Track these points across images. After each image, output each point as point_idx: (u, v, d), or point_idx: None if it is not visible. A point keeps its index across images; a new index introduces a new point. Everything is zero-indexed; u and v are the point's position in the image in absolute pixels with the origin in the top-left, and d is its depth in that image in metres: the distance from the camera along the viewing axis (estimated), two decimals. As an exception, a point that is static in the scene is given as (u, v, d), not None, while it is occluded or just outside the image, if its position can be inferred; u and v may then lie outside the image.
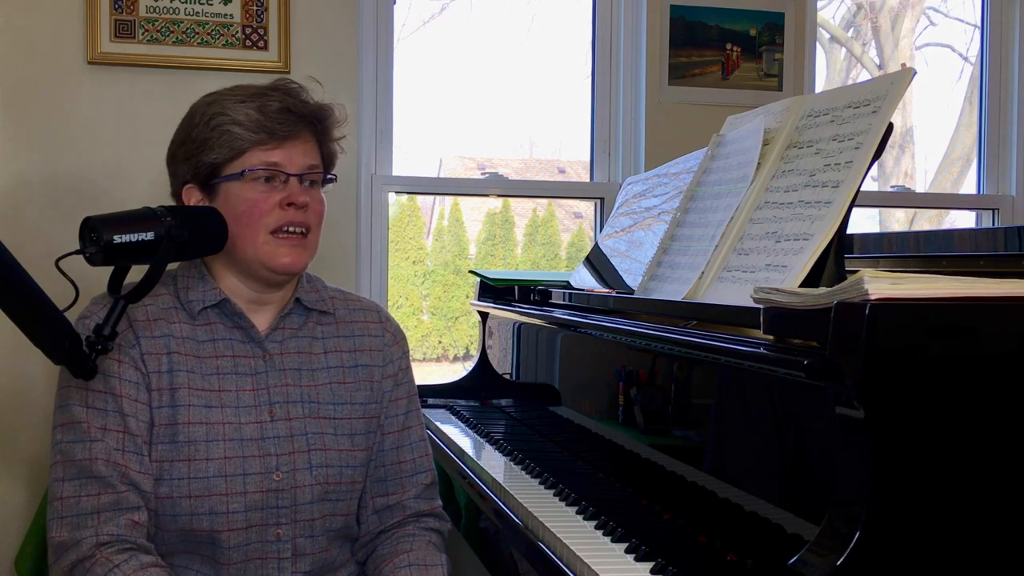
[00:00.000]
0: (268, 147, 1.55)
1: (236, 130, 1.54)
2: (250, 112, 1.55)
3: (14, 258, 1.33)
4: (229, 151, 1.55)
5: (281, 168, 1.56)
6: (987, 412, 1.08)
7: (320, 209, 1.61)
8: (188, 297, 1.57)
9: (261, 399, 1.57)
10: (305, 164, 1.58)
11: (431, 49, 3.23)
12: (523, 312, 2.26)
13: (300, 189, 1.57)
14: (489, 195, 3.24)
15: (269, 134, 1.55)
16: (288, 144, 1.57)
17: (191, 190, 1.59)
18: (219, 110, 1.56)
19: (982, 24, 3.42)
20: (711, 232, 1.70)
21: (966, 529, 1.07)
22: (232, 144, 1.55)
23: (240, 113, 1.55)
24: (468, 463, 1.97)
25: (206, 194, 1.58)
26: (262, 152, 1.55)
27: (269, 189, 1.55)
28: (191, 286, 1.58)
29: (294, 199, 1.55)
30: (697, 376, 1.50)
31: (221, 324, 1.58)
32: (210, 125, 1.56)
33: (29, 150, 2.53)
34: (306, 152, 1.59)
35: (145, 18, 2.57)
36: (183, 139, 1.59)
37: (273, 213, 1.54)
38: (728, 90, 3.01)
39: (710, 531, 1.38)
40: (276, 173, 1.55)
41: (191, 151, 1.57)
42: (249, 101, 1.56)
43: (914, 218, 3.84)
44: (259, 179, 1.55)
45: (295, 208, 1.55)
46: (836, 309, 1.09)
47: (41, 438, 2.49)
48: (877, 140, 1.46)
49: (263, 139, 1.55)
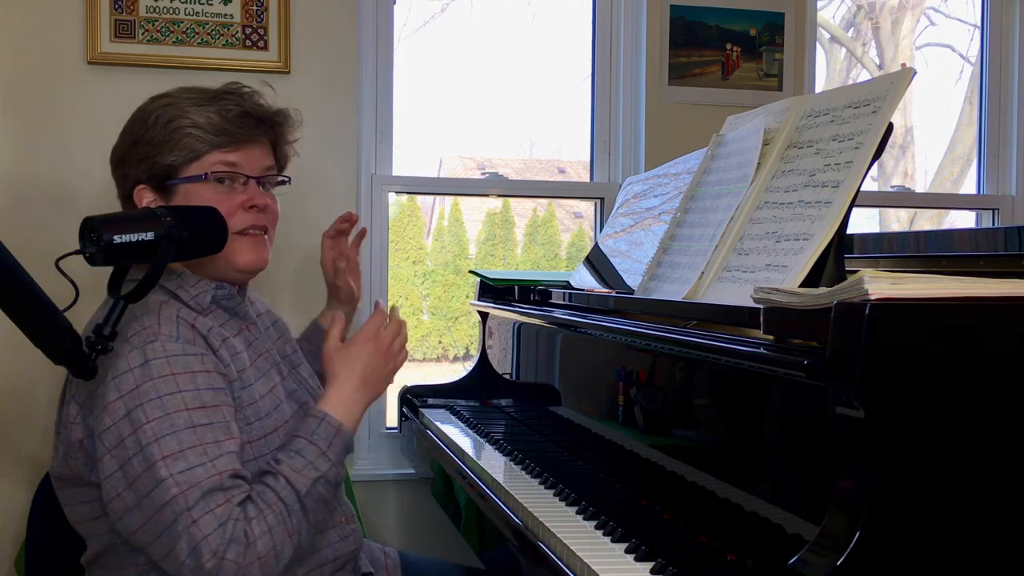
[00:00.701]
0: (227, 150, 1.60)
1: (196, 132, 1.58)
2: (210, 116, 1.59)
3: (14, 258, 1.33)
4: (188, 153, 1.58)
5: (240, 170, 1.61)
6: (987, 412, 1.08)
7: (277, 210, 1.68)
8: (191, 294, 1.59)
9: (270, 363, 1.67)
10: (262, 166, 1.64)
11: (431, 49, 3.24)
12: (523, 312, 2.26)
13: (259, 192, 1.63)
14: (489, 195, 3.23)
15: (229, 137, 1.59)
16: (246, 147, 1.62)
17: (143, 191, 1.61)
18: (177, 112, 1.59)
19: (982, 24, 3.42)
20: (711, 232, 1.70)
21: (966, 529, 1.07)
22: (192, 146, 1.58)
23: (200, 116, 1.59)
24: (468, 463, 1.97)
25: (160, 195, 1.60)
26: (221, 154, 1.59)
27: (229, 191, 1.60)
28: (186, 285, 1.60)
29: (255, 201, 1.62)
30: (697, 376, 1.50)
31: (219, 310, 1.64)
32: (168, 127, 1.58)
33: (29, 150, 2.53)
34: (263, 155, 1.65)
35: (145, 18, 2.57)
36: (134, 140, 1.61)
37: (236, 215, 1.60)
38: (728, 90, 3.01)
39: (710, 531, 1.38)
40: (236, 175, 1.60)
41: (146, 152, 1.59)
42: (207, 104, 1.60)
43: (914, 218, 3.84)
44: (218, 180, 1.59)
45: (256, 210, 1.61)
46: (836, 309, 1.09)
47: (41, 438, 2.49)
48: (877, 140, 1.46)
49: (223, 142, 1.59)
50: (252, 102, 1.64)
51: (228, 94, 1.63)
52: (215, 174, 1.58)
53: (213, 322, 1.58)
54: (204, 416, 1.45)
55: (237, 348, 1.58)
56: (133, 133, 1.62)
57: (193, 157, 1.58)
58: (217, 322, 1.60)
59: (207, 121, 1.58)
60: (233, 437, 1.47)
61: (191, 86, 1.67)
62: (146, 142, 1.59)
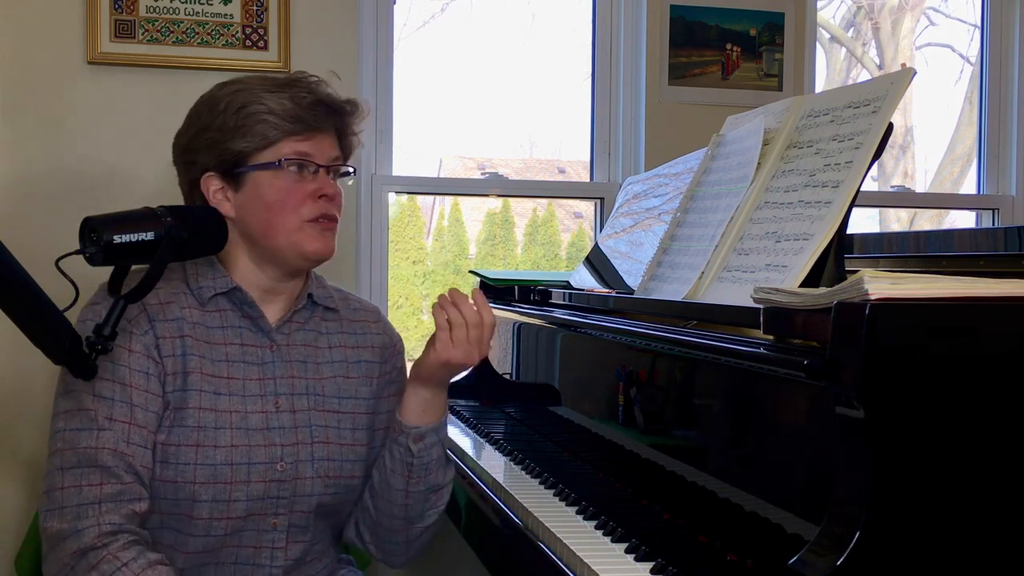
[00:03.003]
0: (300, 138, 1.56)
1: (271, 119, 1.55)
2: (284, 102, 1.55)
3: (14, 258, 1.33)
4: (261, 140, 1.55)
5: (312, 159, 1.57)
6: (987, 412, 1.08)
7: (342, 201, 1.63)
8: (199, 284, 1.57)
9: (267, 389, 1.57)
10: (331, 156, 1.60)
11: (431, 49, 3.24)
12: (523, 312, 2.26)
13: (329, 181, 1.59)
14: (489, 195, 3.24)
15: (303, 125, 1.56)
16: (317, 136, 1.58)
17: (211, 178, 1.57)
18: (251, 98, 1.55)
19: (982, 24, 3.42)
20: (711, 232, 1.70)
21: (966, 529, 1.07)
22: (265, 133, 1.55)
23: (274, 102, 1.55)
24: (468, 463, 1.97)
25: (228, 182, 1.57)
26: (294, 142, 1.56)
27: (300, 179, 1.56)
28: (201, 273, 1.58)
29: (326, 190, 1.57)
30: (697, 376, 1.50)
31: (231, 312, 1.59)
32: (241, 113, 1.55)
33: (29, 150, 2.53)
34: (331, 144, 1.61)
35: (145, 18, 2.57)
36: (205, 126, 1.57)
37: (307, 203, 1.56)
38: (728, 90, 3.01)
39: (710, 531, 1.38)
40: (307, 163, 1.57)
41: (216, 139, 1.56)
42: (280, 91, 1.57)
43: (914, 218, 3.84)
44: (292, 169, 1.56)
45: (326, 199, 1.57)
46: (836, 309, 1.09)
47: (41, 438, 2.48)
48: (877, 140, 1.46)
49: (297, 129, 1.56)
50: (323, 91, 1.61)
51: (298, 82, 1.60)
52: (289, 161, 1.55)
53: (200, 317, 1.55)
54: (109, 389, 1.48)
55: (192, 351, 1.53)
56: (201, 119, 1.58)
57: (266, 144, 1.55)
58: (211, 321, 1.56)
59: (281, 108, 1.55)
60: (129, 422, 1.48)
61: (258, 75, 1.64)
62: (216, 128, 1.55)
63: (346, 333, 1.68)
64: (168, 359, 1.52)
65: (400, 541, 1.67)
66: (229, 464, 1.51)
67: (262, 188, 1.55)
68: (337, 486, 1.60)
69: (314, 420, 1.59)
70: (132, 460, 1.47)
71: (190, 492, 1.49)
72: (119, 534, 1.43)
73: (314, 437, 1.58)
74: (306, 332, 1.64)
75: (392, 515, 1.64)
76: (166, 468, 1.49)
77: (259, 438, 1.54)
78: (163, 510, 1.51)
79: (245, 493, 1.52)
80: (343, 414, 1.63)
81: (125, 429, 1.47)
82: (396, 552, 1.70)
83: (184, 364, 1.53)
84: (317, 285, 1.67)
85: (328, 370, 1.64)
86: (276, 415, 1.57)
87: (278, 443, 1.55)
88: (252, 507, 1.52)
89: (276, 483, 1.54)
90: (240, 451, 1.52)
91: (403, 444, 1.60)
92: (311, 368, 1.62)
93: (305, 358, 1.62)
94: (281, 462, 1.54)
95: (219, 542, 1.52)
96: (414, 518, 1.65)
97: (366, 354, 1.69)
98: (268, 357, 1.59)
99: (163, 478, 1.49)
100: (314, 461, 1.57)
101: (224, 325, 1.58)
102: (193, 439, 1.50)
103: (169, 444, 1.50)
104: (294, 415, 1.58)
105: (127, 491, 1.46)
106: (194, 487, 1.49)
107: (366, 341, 1.70)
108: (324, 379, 1.63)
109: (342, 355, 1.66)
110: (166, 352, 1.52)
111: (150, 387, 1.50)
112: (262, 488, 1.53)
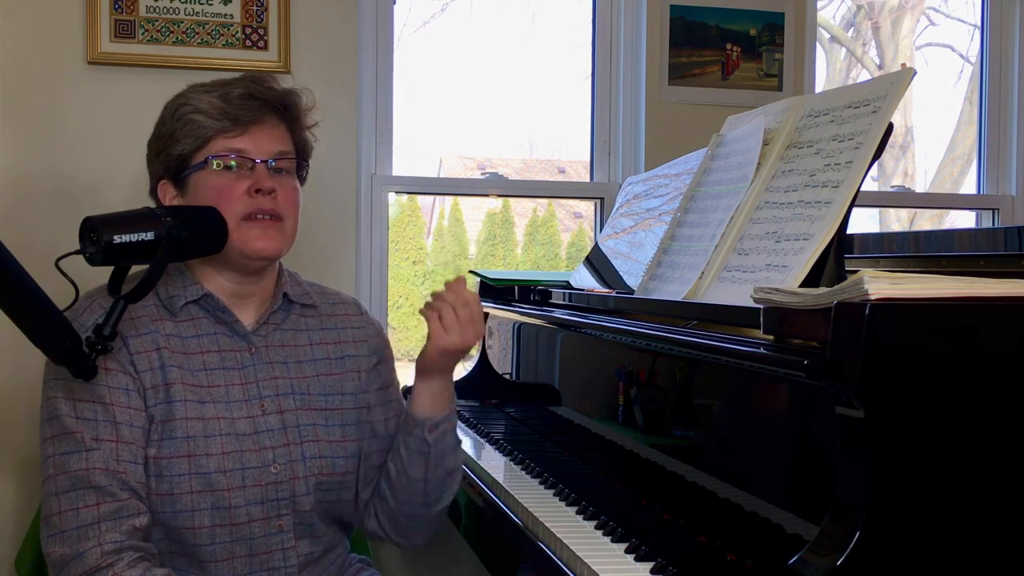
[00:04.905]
0: (232, 134, 1.54)
1: (199, 118, 1.54)
2: (212, 100, 1.55)
3: (14, 258, 1.33)
4: (194, 140, 1.54)
5: (246, 154, 1.54)
6: (987, 412, 1.08)
7: (292, 197, 1.58)
8: (169, 294, 1.56)
9: (251, 393, 1.56)
10: (273, 150, 1.56)
11: (431, 49, 3.23)
12: (523, 312, 2.26)
13: (267, 175, 1.54)
14: (489, 195, 3.23)
15: (232, 120, 1.54)
16: (253, 130, 1.55)
17: (165, 186, 1.59)
18: (183, 101, 1.57)
19: (982, 24, 3.42)
20: (711, 232, 1.70)
21: (966, 529, 1.07)
22: (196, 133, 1.54)
23: (203, 102, 1.55)
24: (468, 463, 1.97)
25: (178, 188, 1.57)
26: (226, 139, 1.54)
27: (236, 176, 1.54)
28: (170, 283, 1.57)
29: (260, 184, 1.53)
30: (697, 376, 1.50)
31: (205, 319, 1.57)
32: (175, 117, 1.56)
33: (29, 150, 2.53)
34: (274, 138, 1.57)
35: (145, 18, 2.57)
36: (155, 136, 1.60)
37: (241, 200, 1.53)
38: (728, 90, 3.01)
39: (710, 531, 1.38)
40: (242, 160, 1.54)
41: (162, 146, 1.57)
42: (213, 90, 1.56)
43: (914, 218, 3.84)
44: (225, 167, 1.54)
45: (262, 194, 1.53)
46: (836, 309, 1.09)
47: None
48: (877, 140, 1.46)
49: (227, 126, 1.54)
50: (259, 84, 1.58)
51: (238, 80, 1.59)
52: (217, 158, 1.52)
53: (173, 329, 1.54)
54: (90, 410, 1.47)
55: (171, 362, 1.52)
56: (155, 129, 1.61)
57: (199, 144, 1.54)
58: (185, 331, 1.55)
59: (209, 105, 1.54)
60: (115, 440, 1.46)
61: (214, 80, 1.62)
62: (163, 135, 1.57)
63: (327, 329, 1.68)
64: (146, 373, 1.51)
65: (420, 524, 1.70)
66: (223, 471, 1.50)
67: (200, 189, 1.54)
68: (331, 483, 1.60)
69: (302, 420, 1.59)
70: (125, 477, 1.46)
71: (188, 503, 1.49)
72: (123, 552, 1.42)
73: (303, 437, 1.58)
74: (284, 332, 1.63)
75: (413, 502, 1.66)
76: (161, 482, 1.49)
77: (249, 443, 1.54)
78: (166, 524, 1.50)
79: (243, 498, 1.51)
80: (330, 411, 1.62)
81: (113, 448, 1.46)
82: (416, 533, 1.73)
83: (164, 376, 1.52)
84: (292, 283, 1.66)
85: (311, 368, 1.63)
86: (263, 418, 1.56)
87: (269, 446, 1.55)
88: (253, 511, 1.52)
89: (273, 485, 1.54)
90: (232, 457, 1.52)
91: (419, 436, 1.61)
92: (293, 368, 1.61)
93: (285, 358, 1.61)
94: (275, 464, 1.54)
95: (228, 550, 1.52)
96: (432, 502, 1.67)
97: (350, 348, 1.68)
98: (248, 361, 1.58)
99: (159, 491, 1.49)
100: (306, 460, 1.57)
101: (199, 333, 1.56)
102: (184, 450, 1.50)
103: (161, 457, 1.49)
104: (282, 416, 1.57)
105: (125, 507, 1.45)
106: (191, 497, 1.49)
107: (348, 336, 1.69)
108: (308, 378, 1.62)
109: (324, 352, 1.66)
110: (143, 367, 1.51)
111: (132, 403, 1.49)
112: (259, 492, 1.53)
